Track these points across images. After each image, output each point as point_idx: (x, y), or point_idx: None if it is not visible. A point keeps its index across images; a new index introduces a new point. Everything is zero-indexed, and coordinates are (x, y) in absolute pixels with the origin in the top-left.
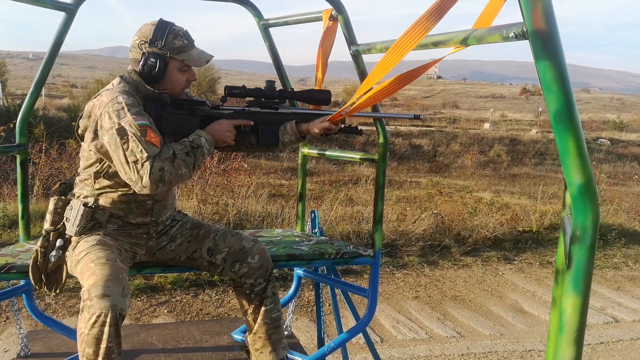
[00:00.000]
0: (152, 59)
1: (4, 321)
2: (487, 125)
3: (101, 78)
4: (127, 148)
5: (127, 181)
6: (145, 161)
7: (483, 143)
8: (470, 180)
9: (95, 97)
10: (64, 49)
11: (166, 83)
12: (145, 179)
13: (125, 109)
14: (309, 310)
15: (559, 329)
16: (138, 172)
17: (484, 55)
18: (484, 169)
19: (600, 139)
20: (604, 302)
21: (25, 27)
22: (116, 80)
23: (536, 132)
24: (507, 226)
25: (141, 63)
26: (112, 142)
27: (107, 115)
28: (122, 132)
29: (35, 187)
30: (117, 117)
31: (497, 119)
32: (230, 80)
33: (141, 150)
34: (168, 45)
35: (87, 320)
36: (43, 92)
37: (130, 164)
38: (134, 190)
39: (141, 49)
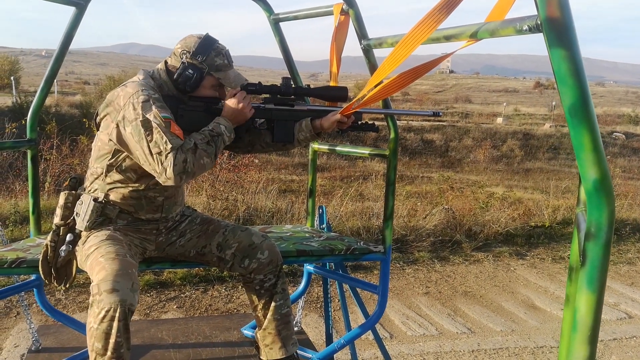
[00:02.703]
0: (190, 71)
1: (15, 316)
2: (500, 120)
3: (113, 75)
4: (151, 140)
5: (151, 172)
6: (169, 152)
7: (496, 137)
8: (483, 175)
9: (119, 87)
10: (76, 46)
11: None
12: (169, 170)
13: (151, 101)
14: (319, 306)
15: (572, 328)
16: (162, 163)
17: (497, 49)
18: (496, 164)
19: (615, 133)
20: (618, 297)
21: (39, 26)
22: (141, 75)
23: (550, 126)
24: (520, 221)
25: (178, 71)
26: (135, 134)
27: (131, 106)
28: (146, 124)
29: (47, 183)
30: (141, 109)
31: (510, 113)
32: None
33: (165, 142)
34: (209, 61)
35: (96, 315)
36: (55, 89)
37: (154, 156)
38: (146, 186)
39: (181, 58)
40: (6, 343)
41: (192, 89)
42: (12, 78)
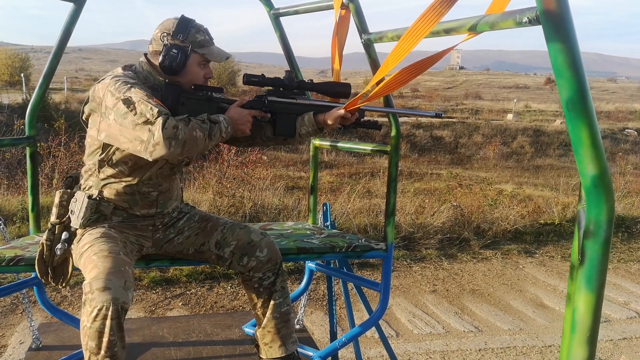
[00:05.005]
0: (174, 50)
1: (21, 313)
2: (510, 116)
3: None
4: (136, 112)
5: (138, 149)
6: (157, 117)
7: (506, 134)
8: (493, 172)
9: (98, 82)
10: (86, 43)
11: (184, 76)
12: (157, 134)
13: (129, 84)
14: (324, 303)
15: (571, 328)
16: (149, 130)
17: (508, 45)
18: (506, 161)
19: (626, 130)
20: (628, 296)
21: (46, 23)
22: (119, 69)
23: (560, 123)
24: (529, 219)
25: (162, 54)
26: (118, 115)
27: (109, 93)
28: (127, 101)
29: (55, 180)
30: (118, 92)
31: (521, 110)
32: (250, 73)
33: (151, 108)
34: (190, 38)
35: (89, 313)
36: (65, 86)
37: (140, 125)
38: (139, 180)
39: (163, 41)
40: (12, 340)
41: (179, 68)
42: (22, 75)
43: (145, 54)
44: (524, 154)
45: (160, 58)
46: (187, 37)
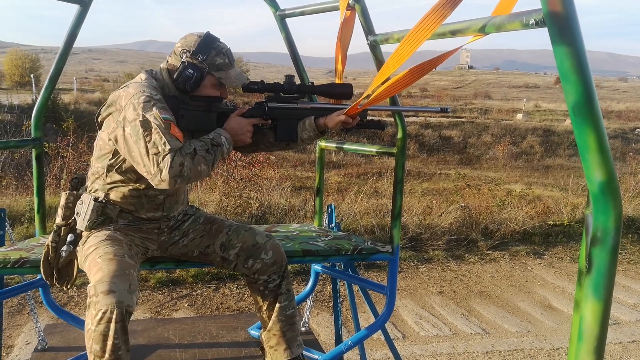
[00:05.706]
0: (189, 70)
1: (27, 314)
2: (519, 116)
3: (131, 72)
4: (150, 140)
5: (144, 174)
6: (167, 154)
7: (515, 134)
8: (502, 172)
9: (121, 88)
10: (96, 43)
11: (198, 95)
12: (165, 172)
13: (152, 102)
14: (331, 304)
15: (578, 337)
16: (158, 164)
17: (518, 44)
18: (516, 161)
19: (637, 129)
20: (638, 298)
21: (57, 23)
22: (143, 75)
23: (571, 123)
24: (538, 219)
25: (178, 71)
26: (133, 134)
27: (132, 106)
28: (146, 124)
29: (63, 180)
30: (142, 109)
31: (531, 109)
32: (259, 73)
33: (164, 143)
34: (209, 60)
35: (93, 316)
36: (74, 86)
37: (151, 156)
38: (146, 185)
39: (181, 58)
40: (18, 340)
41: (192, 88)
42: (32, 76)
43: (167, 61)
44: (534, 154)
45: (176, 75)
46: (205, 59)
